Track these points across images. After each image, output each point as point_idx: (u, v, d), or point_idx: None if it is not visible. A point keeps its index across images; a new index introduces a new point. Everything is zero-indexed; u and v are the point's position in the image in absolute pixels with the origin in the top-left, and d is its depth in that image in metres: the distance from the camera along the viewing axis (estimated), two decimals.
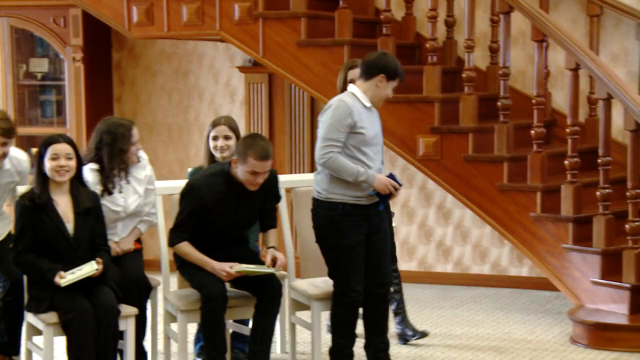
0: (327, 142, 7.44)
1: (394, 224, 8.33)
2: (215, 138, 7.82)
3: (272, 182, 7.76)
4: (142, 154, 8.16)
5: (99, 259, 7.03)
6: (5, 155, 7.61)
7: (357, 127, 7.45)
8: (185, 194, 7.50)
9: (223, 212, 7.53)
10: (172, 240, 7.50)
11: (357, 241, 7.55)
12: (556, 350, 8.65)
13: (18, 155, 7.95)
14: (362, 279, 7.62)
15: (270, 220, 7.88)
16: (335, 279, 7.67)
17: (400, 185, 7.54)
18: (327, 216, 7.59)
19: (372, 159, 7.59)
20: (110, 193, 7.65)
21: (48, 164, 7.15)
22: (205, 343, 7.48)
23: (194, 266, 7.49)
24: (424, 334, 8.65)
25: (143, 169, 8.09)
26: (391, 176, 7.52)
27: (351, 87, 7.69)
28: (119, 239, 7.75)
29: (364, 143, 7.50)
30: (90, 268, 6.98)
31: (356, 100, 7.57)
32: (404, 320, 8.65)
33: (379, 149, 7.78)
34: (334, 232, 7.56)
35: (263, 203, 7.76)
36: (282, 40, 10.03)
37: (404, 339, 8.67)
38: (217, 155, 7.89)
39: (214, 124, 7.95)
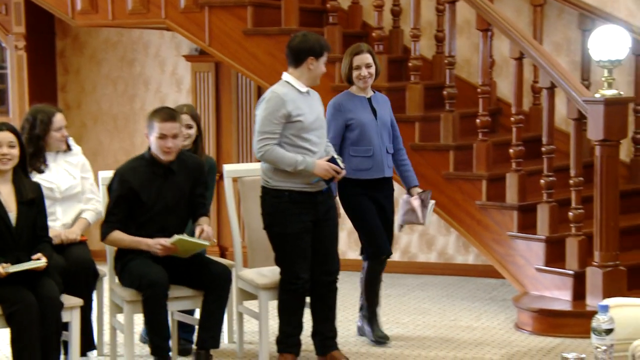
0: (262, 136, 7.54)
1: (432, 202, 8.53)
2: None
3: (198, 167, 7.86)
4: (74, 144, 8.24)
5: (41, 255, 6.98)
6: None
7: (293, 117, 7.51)
8: (111, 182, 7.54)
9: (151, 196, 7.53)
10: (102, 233, 7.52)
11: (303, 229, 7.61)
12: (501, 336, 8.77)
13: None
14: (308, 266, 7.69)
15: (200, 209, 7.86)
16: (281, 266, 7.74)
17: (342, 168, 7.52)
18: (273, 204, 7.65)
19: (316, 143, 7.64)
20: (41, 172, 7.77)
21: None
22: (148, 330, 7.50)
23: (127, 261, 7.50)
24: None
25: (76, 156, 8.20)
26: (332, 160, 7.51)
27: (284, 76, 7.76)
28: (61, 224, 7.81)
29: (304, 130, 7.57)
30: (35, 263, 6.96)
31: (291, 89, 7.65)
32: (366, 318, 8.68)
33: (322, 132, 7.79)
34: (280, 219, 7.62)
35: (191, 188, 7.77)
36: (229, 29, 10.09)
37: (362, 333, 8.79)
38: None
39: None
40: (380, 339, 8.47)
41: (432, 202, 8.38)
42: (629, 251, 9.11)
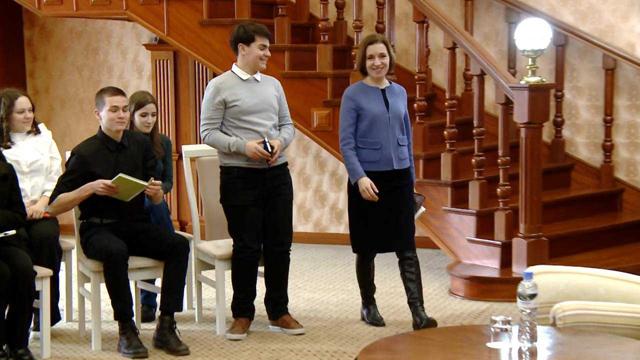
0: (203, 122, 7.83)
1: (422, 209, 8.13)
2: (144, 115, 7.98)
3: (146, 142, 7.95)
4: (44, 129, 8.31)
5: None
6: None
7: (229, 102, 7.70)
8: (68, 160, 7.64)
9: (107, 168, 7.55)
10: (50, 198, 7.56)
11: (251, 202, 7.73)
12: (437, 301, 8.89)
13: None
14: (257, 237, 7.81)
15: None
16: (232, 237, 7.85)
17: (268, 151, 7.53)
18: (225, 179, 7.83)
19: (258, 124, 7.75)
20: (7, 147, 7.78)
21: None
22: (111, 297, 7.49)
23: (90, 235, 7.55)
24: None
25: (45, 137, 8.25)
26: (264, 143, 7.57)
27: (232, 66, 7.91)
28: (29, 201, 7.79)
29: (242, 113, 7.70)
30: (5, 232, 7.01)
31: (232, 77, 7.85)
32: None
33: (268, 114, 7.83)
34: (230, 193, 7.79)
35: (143, 161, 7.80)
36: (186, 20, 10.09)
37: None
38: (146, 130, 8.03)
39: (143, 103, 8.03)
40: (375, 321, 8.19)
41: (422, 209, 8.05)
42: (551, 223, 9.24)
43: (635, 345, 4.74)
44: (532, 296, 4.59)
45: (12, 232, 6.99)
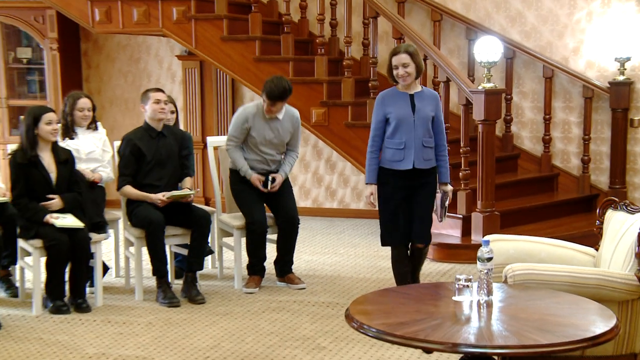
0: (229, 137, 8.03)
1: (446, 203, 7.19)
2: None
3: (183, 136, 8.15)
4: (101, 127, 8.43)
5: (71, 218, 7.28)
6: None
7: (251, 132, 7.93)
8: (120, 146, 7.85)
9: (150, 151, 7.73)
10: (118, 185, 7.77)
11: (252, 188, 7.96)
12: None
13: None
14: (261, 212, 7.92)
15: (185, 169, 8.00)
16: (243, 213, 7.97)
17: (267, 188, 7.92)
18: (233, 180, 8.14)
19: (267, 153, 8.05)
20: (71, 138, 7.96)
21: (45, 128, 7.25)
22: (151, 257, 7.63)
23: (138, 210, 7.66)
24: None
25: (100, 134, 8.35)
26: (266, 179, 7.94)
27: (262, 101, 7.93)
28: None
29: (258, 144, 7.96)
30: (74, 222, 7.25)
31: (260, 111, 7.93)
32: None
33: (277, 148, 8.10)
34: (237, 179, 8.04)
35: (179, 150, 7.93)
36: (210, 36, 10.04)
37: None
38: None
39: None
40: None
41: (446, 196, 7.09)
42: (502, 201, 9.22)
43: (570, 297, 4.74)
44: (489, 259, 4.57)
45: (81, 225, 7.24)
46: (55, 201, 7.29)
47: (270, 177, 7.96)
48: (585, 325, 4.31)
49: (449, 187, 7.11)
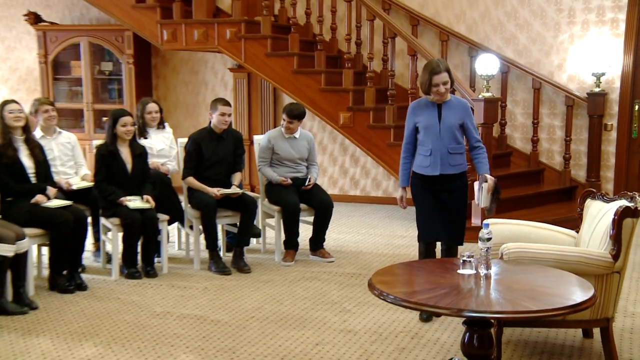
0: (259, 158, 8.27)
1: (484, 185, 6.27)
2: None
3: (239, 138, 8.16)
4: (168, 126, 8.55)
5: (150, 198, 7.46)
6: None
7: (275, 150, 8.12)
8: (187, 144, 7.89)
9: (210, 150, 7.80)
10: (183, 176, 7.84)
11: (283, 185, 8.03)
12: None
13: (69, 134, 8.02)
14: (293, 198, 7.94)
15: (237, 165, 8.05)
16: (279, 202, 8.00)
17: (303, 186, 8.04)
18: (267, 185, 8.25)
19: (292, 166, 8.19)
20: (145, 138, 8.13)
21: (121, 129, 7.40)
22: (205, 234, 7.69)
23: (196, 194, 7.73)
24: None
25: (168, 133, 8.48)
26: (303, 180, 8.10)
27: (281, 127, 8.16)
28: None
29: (281, 158, 8.15)
30: (143, 204, 7.39)
31: (280, 134, 8.16)
32: None
33: (296, 161, 8.18)
34: (271, 188, 8.16)
35: (234, 149, 7.98)
36: (256, 52, 10.01)
37: None
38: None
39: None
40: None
41: (484, 184, 6.20)
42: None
43: (555, 271, 4.75)
44: (488, 239, 4.56)
45: (149, 206, 7.46)
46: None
47: (308, 178, 8.13)
48: (568, 294, 4.32)
49: (488, 177, 6.20)
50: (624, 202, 5.12)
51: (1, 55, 13.33)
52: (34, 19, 12.37)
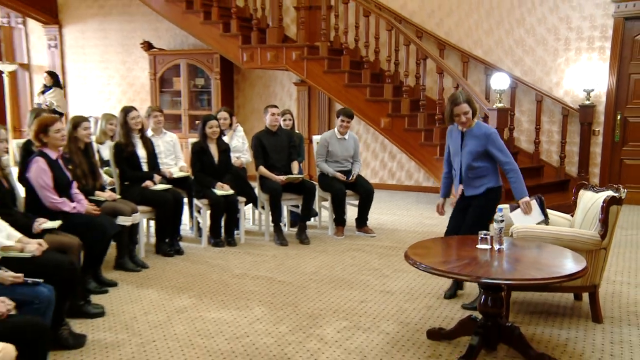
0: (317, 155, 8.13)
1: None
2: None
3: (290, 134, 8.16)
4: (239, 128, 8.55)
5: (223, 185, 7.42)
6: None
7: (329, 148, 8.05)
8: (252, 141, 7.90)
9: (270, 145, 7.84)
10: (256, 166, 7.82)
11: (336, 177, 7.97)
12: (444, 220, 8.49)
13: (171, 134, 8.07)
14: (340, 186, 7.88)
15: (293, 156, 8.03)
16: (329, 189, 7.96)
17: (347, 179, 7.94)
18: (320, 176, 8.13)
19: (342, 162, 8.12)
20: (224, 135, 8.05)
21: (208, 130, 7.45)
22: (272, 213, 7.67)
23: (266, 181, 7.72)
24: None
25: (240, 132, 8.49)
26: (348, 173, 8.01)
27: (335, 129, 8.15)
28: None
29: (333, 155, 8.08)
30: (228, 191, 7.40)
31: (333, 135, 8.11)
32: None
33: (345, 157, 8.11)
34: (324, 179, 8.07)
35: (288, 142, 8.01)
36: (316, 70, 9.97)
37: None
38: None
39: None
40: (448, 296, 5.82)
41: (518, 210, 5.57)
42: (506, 183, 8.95)
43: (554, 247, 4.69)
44: (502, 221, 4.51)
45: (232, 192, 7.29)
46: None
47: (352, 173, 8.03)
48: (565, 266, 4.27)
49: (523, 200, 5.55)
50: (610, 193, 5.08)
51: (123, 73, 13.53)
52: (147, 46, 12.58)
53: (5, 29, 14.09)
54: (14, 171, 5.69)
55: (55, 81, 12.98)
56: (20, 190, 5.48)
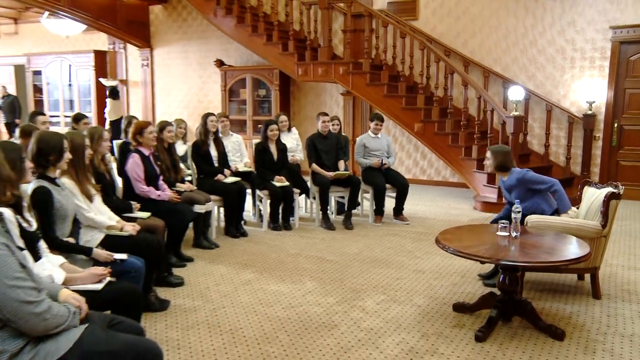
0: (356, 153, 8.02)
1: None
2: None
3: (338, 138, 8.03)
4: (294, 130, 8.45)
5: (281, 178, 7.36)
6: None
7: (366, 146, 7.97)
8: (307, 143, 7.82)
9: (321, 146, 7.74)
10: (309, 164, 7.72)
11: (374, 170, 7.89)
12: (467, 211, 8.63)
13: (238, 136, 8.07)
14: (381, 180, 7.78)
15: (340, 156, 7.91)
16: (371, 183, 7.85)
17: (382, 165, 7.83)
18: (364, 170, 7.99)
19: (378, 156, 7.95)
20: (289, 131, 8.13)
21: (269, 133, 7.40)
22: (321, 203, 7.60)
23: (317, 176, 7.65)
24: None
25: (295, 135, 8.34)
26: (382, 162, 7.86)
27: (369, 130, 8.09)
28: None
29: (369, 151, 7.97)
30: (284, 183, 7.36)
31: (369, 135, 8.06)
32: None
33: (381, 152, 7.98)
34: (366, 172, 7.95)
35: (336, 144, 7.89)
36: (359, 82, 9.88)
37: None
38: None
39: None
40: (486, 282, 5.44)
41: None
42: None
43: (563, 235, 4.62)
44: (518, 212, 4.45)
45: (286, 184, 7.16)
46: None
47: (383, 162, 7.88)
48: (572, 250, 4.21)
49: (569, 213, 5.24)
50: (610, 189, 5.01)
51: (199, 86, 13.63)
52: (219, 63, 12.65)
53: (111, 53, 14.64)
54: (114, 166, 5.84)
55: (110, 93, 13.79)
56: (119, 182, 5.62)
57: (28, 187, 3.74)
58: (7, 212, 2.89)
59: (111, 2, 12.96)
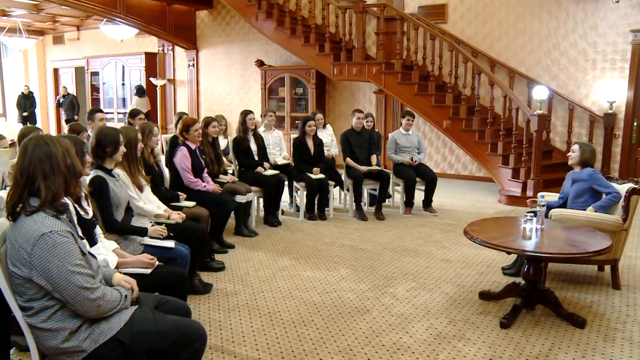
0: (388, 149, 7.93)
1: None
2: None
3: (372, 133, 7.93)
4: (329, 127, 8.40)
5: (317, 170, 7.35)
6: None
7: (397, 143, 7.88)
8: (341, 138, 7.72)
9: (355, 141, 7.67)
10: (343, 158, 7.66)
11: (405, 165, 7.79)
12: (493, 204, 8.49)
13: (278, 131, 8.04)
14: (411, 174, 7.69)
15: (372, 151, 7.83)
16: (401, 176, 7.78)
17: (412, 162, 7.72)
18: (395, 165, 7.92)
19: (407, 152, 7.87)
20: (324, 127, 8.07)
21: (307, 129, 7.35)
22: (355, 195, 7.53)
23: (351, 170, 7.58)
24: None
25: (329, 131, 8.30)
26: (412, 159, 7.75)
27: (401, 128, 7.99)
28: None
29: (401, 147, 7.89)
30: (319, 175, 7.33)
31: (400, 132, 7.96)
32: None
33: (412, 149, 7.89)
34: (397, 167, 7.87)
35: (369, 139, 7.79)
36: (391, 82, 9.79)
37: None
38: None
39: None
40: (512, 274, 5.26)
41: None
42: (543, 173, 8.61)
43: (585, 228, 4.50)
44: (543, 205, 4.36)
45: (321, 176, 7.13)
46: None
47: (414, 159, 7.80)
48: (594, 243, 4.09)
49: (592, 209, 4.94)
50: (631, 185, 4.90)
51: (241, 84, 13.68)
52: (260, 63, 12.69)
53: (160, 54, 14.89)
54: (162, 159, 5.89)
55: (137, 92, 14.07)
56: (166, 173, 5.67)
57: (86, 178, 3.80)
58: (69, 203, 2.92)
59: (161, 8, 13.17)
